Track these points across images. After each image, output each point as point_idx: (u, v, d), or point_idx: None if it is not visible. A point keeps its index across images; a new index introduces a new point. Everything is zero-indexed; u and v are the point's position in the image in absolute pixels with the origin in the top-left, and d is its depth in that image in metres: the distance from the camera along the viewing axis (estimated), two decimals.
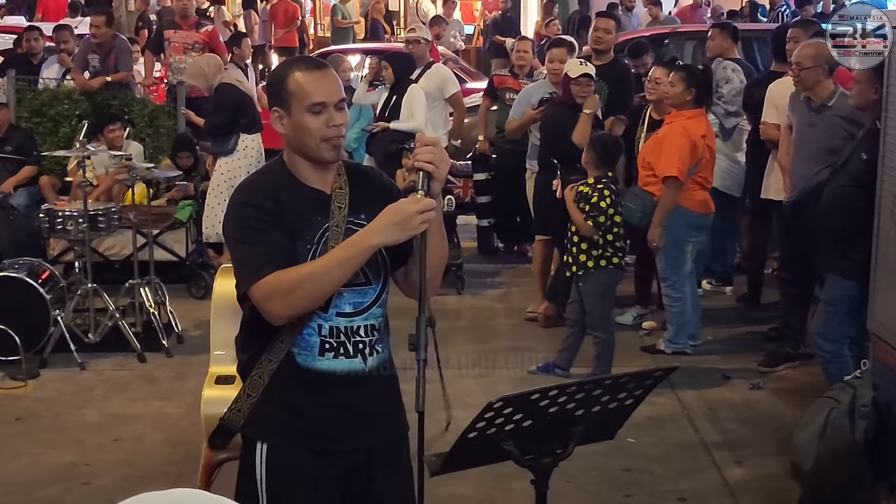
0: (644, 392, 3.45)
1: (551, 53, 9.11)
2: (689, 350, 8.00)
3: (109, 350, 7.96)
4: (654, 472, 6.21)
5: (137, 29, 21.72)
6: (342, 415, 3.45)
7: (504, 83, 10.58)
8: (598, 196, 7.36)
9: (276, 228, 3.33)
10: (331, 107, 3.36)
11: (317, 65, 3.48)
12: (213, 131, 9.87)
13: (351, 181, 3.48)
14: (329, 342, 3.44)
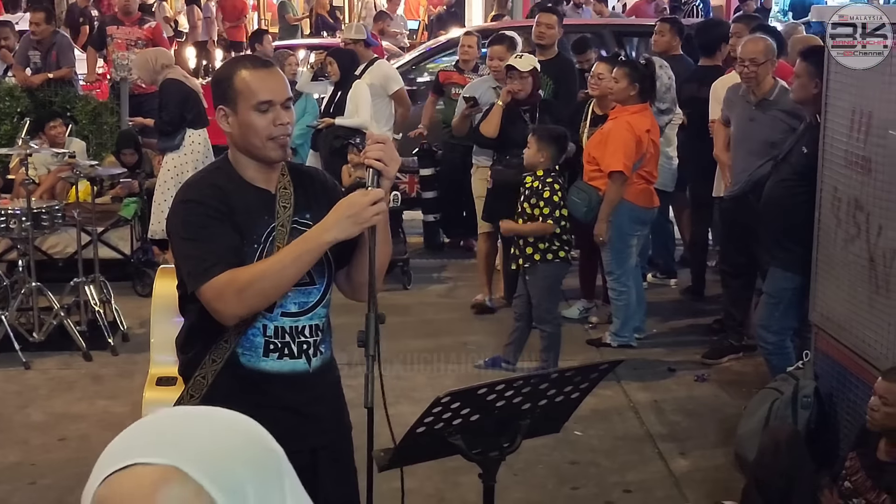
0: (590, 385, 3.48)
1: (491, 50, 9.13)
2: (634, 343, 8.06)
3: (54, 349, 7.89)
4: (601, 464, 6.26)
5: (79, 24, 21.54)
6: (286, 416, 3.39)
7: (449, 79, 10.60)
8: (549, 190, 7.39)
9: (226, 227, 3.33)
10: (277, 105, 3.36)
11: (263, 63, 3.49)
12: (163, 129, 9.82)
13: (295, 181, 3.49)
14: (274, 342, 3.44)
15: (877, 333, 5.42)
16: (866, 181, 5.55)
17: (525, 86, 8.32)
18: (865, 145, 5.55)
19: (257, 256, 3.35)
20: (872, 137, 5.47)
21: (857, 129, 5.64)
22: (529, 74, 8.31)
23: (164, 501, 1.33)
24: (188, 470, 1.34)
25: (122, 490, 1.35)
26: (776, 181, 6.61)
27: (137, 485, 1.34)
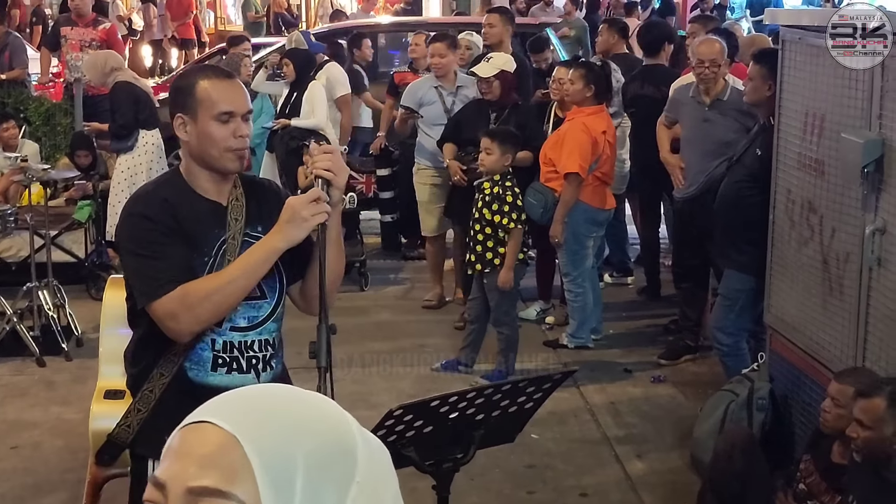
0: (544, 395, 3.48)
1: (432, 48, 9.08)
2: (591, 344, 8.07)
3: (7, 355, 7.80)
4: (557, 467, 6.26)
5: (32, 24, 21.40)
6: None
7: (404, 80, 10.53)
8: (511, 194, 7.37)
9: (175, 243, 3.31)
10: (238, 117, 3.36)
11: (225, 74, 3.51)
12: (118, 132, 9.77)
13: (247, 193, 3.47)
14: (222, 357, 3.43)
15: (830, 335, 5.45)
16: (819, 184, 5.58)
17: (492, 89, 8.27)
18: (818, 148, 5.58)
19: (207, 269, 3.33)
20: (825, 140, 5.50)
21: (810, 131, 5.67)
22: (495, 78, 8.25)
23: (211, 465, 1.36)
24: (245, 445, 1.36)
25: (185, 441, 1.39)
26: (730, 183, 6.64)
27: (199, 441, 1.38)
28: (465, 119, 8.45)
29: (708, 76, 7.36)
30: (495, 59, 8.43)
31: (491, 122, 8.17)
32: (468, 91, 8.71)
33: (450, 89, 8.87)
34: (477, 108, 8.44)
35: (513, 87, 8.46)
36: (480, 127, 8.09)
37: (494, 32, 9.40)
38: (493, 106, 8.29)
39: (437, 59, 8.89)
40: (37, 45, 19.41)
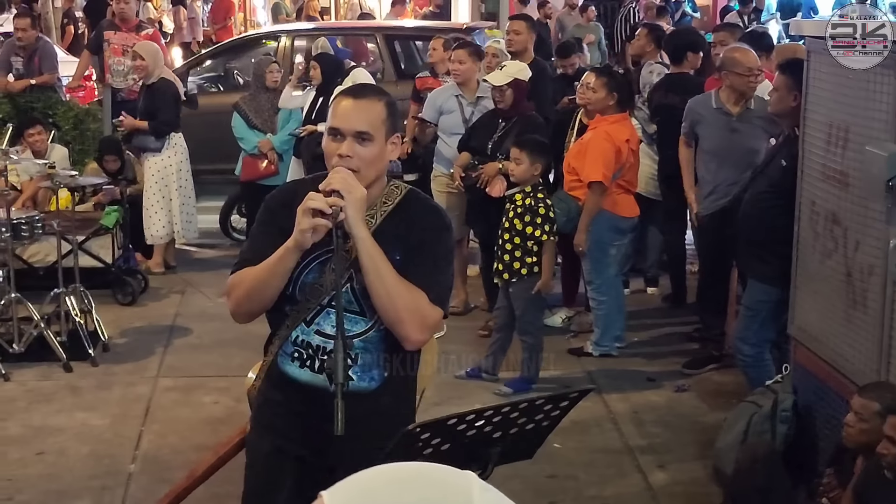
0: (561, 413, 3.48)
1: (453, 54, 9.06)
2: (615, 352, 8.06)
3: (34, 360, 7.84)
4: (579, 477, 6.26)
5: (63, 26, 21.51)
6: (299, 421, 3.61)
7: (425, 84, 10.53)
8: (543, 206, 7.37)
9: (273, 233, 3.48)
10: (347, 136, 3.41)
11: (355, 93, 3.56)
12: (160, 129, 9.94)
13: (394, 211, 3.53)
14: (299, 351, 3.57)
15: (854, 349, 5.43)
16: (843, 196, 5.56)
17: (504, 97, 8.23)
18: (843, 160, 5.55)
19: (299, 270, 3.48)
20: (849, 152, 5.47)
21: (835, 143, 5.65)
22: (508, 87, 8.23)
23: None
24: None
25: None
26: (754, 193, 6.62)
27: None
28: (476, 128, 8.45)
29: (753, 85, 7.37)
30: (509, 68, 8.37)
31: (498, 132, 8.15)
32: (488, 102, 8.67)
33: (470, 99, 8.82)
34: (489, 118, 8.44)
35: (525, 96, 8.43)
36: (488, 137, 8.11)
37: (520, 40, 9.40)
38: (503, 115, 8.27)
39: (458, 65, 8.84)
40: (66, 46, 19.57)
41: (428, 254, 3.52)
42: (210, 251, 11.10)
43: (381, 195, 3.55)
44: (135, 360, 8.04)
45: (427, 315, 3.46)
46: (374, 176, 3.47)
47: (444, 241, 3.63)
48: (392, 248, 3.42)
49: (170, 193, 10.15)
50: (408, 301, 3.41)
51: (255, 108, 10.54)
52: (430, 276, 3.49)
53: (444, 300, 3.57)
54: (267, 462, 3.71)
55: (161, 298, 9.60)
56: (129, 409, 7.16)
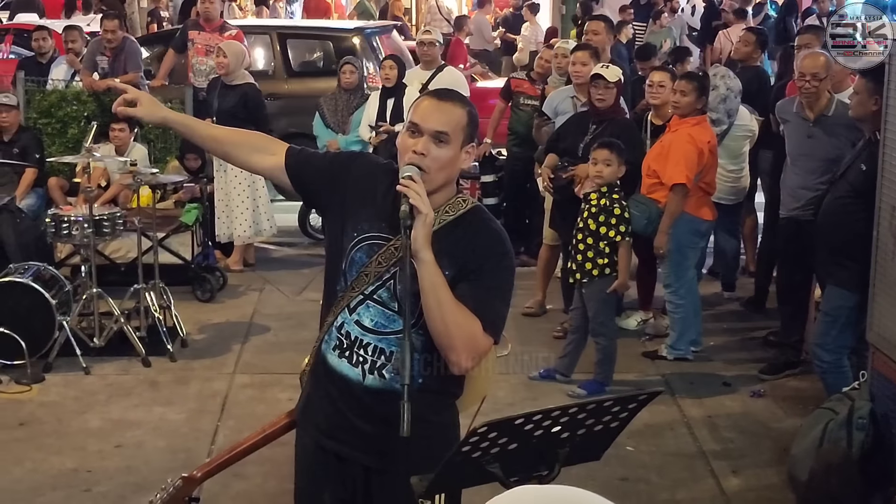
0: (629, 415, 3.46)
1: (574, 56, 9.04)
2: (690, 356, 8.01)
3: (114, 354, 7.97)
4: (651, 481, 6.24)
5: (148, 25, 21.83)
6: (333, 412, 3.60)
7: (520, 87, 10.53)
8: (618, 207, 7.35)
9: (329, 174, 3.60)
10: (425, 134, 3.41)
11: (439, 95, 3.56)
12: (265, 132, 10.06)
13: (451, 225, 3.50)
14: (341, 340, 3.55)
15: None
16: None
17: (608, 96, 8.20)
18: None
19: (351, 243, 3.51)
20: None
21: None
22: (614, 86, 8.19)
23: None
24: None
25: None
26: (833, 198, 6.55)
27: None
28: (566, 130, 8.44)
29: (809, 90, 7.25)
30: (615, 69, 8.35)
31: (589, 134, 8.12)
32: None
33: (584, 100, 8.82)
34: (578, 120, 8.42)
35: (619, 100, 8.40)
36: (577, 139, 8.09)
37: (598, 40, 9.38)
38: (594, 118, 8.23)
39: (580, 66, 8.82)
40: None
41: (487, 281, 3.46)
42: (288, 249, 11.21)
43: (444, 204, 3.50)
44: (212, 356, 8.15)
45: (479, 344, 3.44)
46: (442, 180, 3.46)
47: (504, 268, 3.54)
48: (444, 262, 3.38)
49: (255, 193, 10.26)
50: (463, 329, 3.39)
51: (332, 107, 10.63)
52: (487, 303, 3.44)
53: (497, 329, 3.50)
54: (310, 459, 3.72)
55: (239, 296, 9.71)
56: (206, 404, 7.26)
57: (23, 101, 11.32)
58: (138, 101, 3.68)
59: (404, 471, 3.38)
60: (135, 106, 3.67)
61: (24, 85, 11.66)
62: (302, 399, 3.83)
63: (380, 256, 3.47)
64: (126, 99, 3.68)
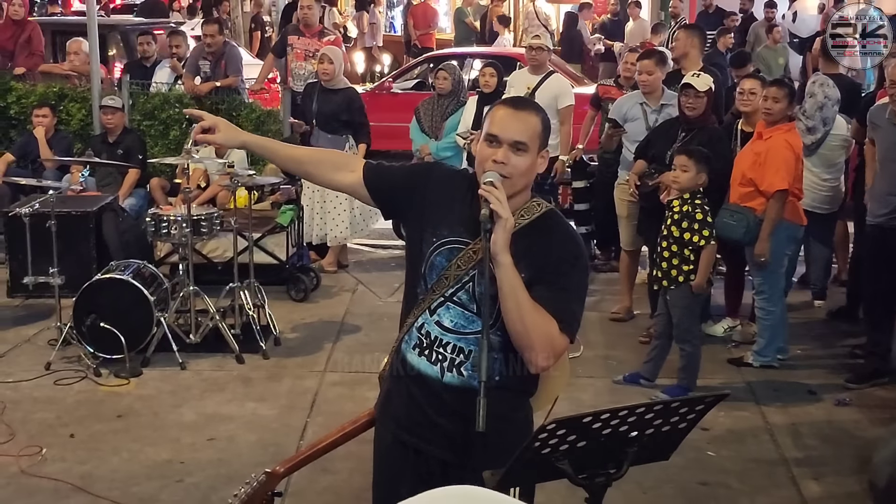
0: (697, 416, 3.53)
1: (640, 65, 9.13)
2: (776, 364, 8.01)
3: (209, 350, 8.19)
4: (731, 486, 6.27)
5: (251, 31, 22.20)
6: (411, 408, 3.74)
7: (608, 93, 10.58)
8: (701, 212, 7.39)
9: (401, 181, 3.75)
10: (504, 144, 3.53)
11: (515, 104, 3.68)
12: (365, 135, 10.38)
13: (529, 227, 3.62)
14: (421, 340, 3.69)
15: None
16: None
17: (698, 105, 8.21)
18: None
19: (431, 249, 3.64)
20: None
21: None
22: (705, 94, 8.21)
23: None
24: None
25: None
26: None
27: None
28: (656, 137, 8.50)
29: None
30: (705, 78, 8.38)
31: (678, 142, 8.15)
32: (672, 109, 8.67)
33: (654, 106, 8.90)
34: (668, 127, 8.47)
35: (710, 109, 8.43)
36: (667, 145, 8.13)
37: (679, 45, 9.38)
38: (683, 125, 8.28)
39: (645, 75, 8.91)
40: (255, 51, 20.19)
41: (562, 283, 3.58)
42: (382, 252, 11.38)
43: (520, 208, 3.63)
44: (304, 354, 8.33)
45: (556, 344, 3.57)
46: (521, 186, 3.59)
47: (578, 270, 3.68)
48: (520, 264, 3.50)
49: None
50: (540, 329, 3.51)
51: (428, 112, 10.77)
52: (562, 304, 3.57)
53: (573, 329, 3.62)
54: (389, 454, 3.85)
55: (332, 296, 9.90)
56: (297, 400, 7.44)
57: (127, 104, 11.66)
58: (216, 128, 3.78)
59: (481, 466, 3.50)
60: (213, 133, 3.79)
61: (128, 87, 12.01)
62: (381, 396, 3.97)
63: (459, 260, 3.60)
64: (203, 126, 3.79)
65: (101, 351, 7.90)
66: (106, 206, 9.53)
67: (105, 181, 10.73)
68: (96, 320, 7.85)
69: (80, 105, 12.19)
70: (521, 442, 3.43)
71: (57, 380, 7.71)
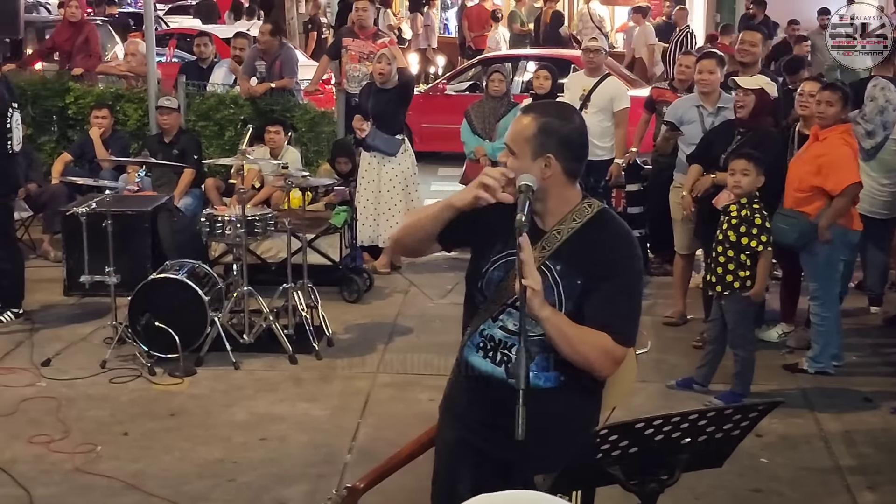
0: (751, 424, 3.51)
1: (700, 64, 9.09)
2: (831, 370, 7.93)
3: (262, 351, 8.22)
4: (784, 493, 6.21)
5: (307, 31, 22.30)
6: (475, 408, 3.81)
7: (662, 96, 10.53)
8: (759, 217, 7.35)
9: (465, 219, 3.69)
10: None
11: (525, 108, 3.83)
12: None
13: (580, 230, 3.65)
14: (484, 343, 3.75)
15: None
16: None
17: (746, 103, 8.18)
18: None
19: (486, 270, 3.71)
20: None
21: None
22: (752, 93, 8.16)
23: None
24: None
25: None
26: None
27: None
28: (712, 139, 8.44)
29: None
30: (758, 78, 8.37)
31: (733, 144, 8.09)
32: (728, 113, 8.61)
33: (710, 109, 8.85)
34: (725, 129, 8.41)
35: (768, 111, 8.37)
36: (723, 148, 8.07)
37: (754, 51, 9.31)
38: (740, 128, 8.22)
39: (706, 74, 8.87)
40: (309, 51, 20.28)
41: (614, 286, 3.60)
42: (434, 254, 11.35)
43: (570, 212, 3.65)
44: (356, 355, 8.36)
45: (615, 355, 3.61)
46: (542, 192, 3.61)
47: (631, 270, 3.70)
48: (576, 270, 3.56)
49: (408, 196, 10.46)
50: (596, 350, 3.57)
51: (480, 114, 10.78)
52: (617, 311, 3.60)
53: (629, 336, 3.66)
54: (451, 451, 3.91)
55: (385, 297, 9.92)
56: (349, 401, 7.46)
57: (183, 104, 11.75)
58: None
59: (541, 466, 3.54)
60: None
61: (184, 88, 12.11)
62: (444, 398, 4.03)
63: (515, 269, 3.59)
64: None
65: (156, 350, 7.96)
66: (161, 206, 9.60)
67: (161, 181, 10.82)
68: (151, 319, 7.92)
69: (137, 105, 12.30)
70: None
71: (112, 378, 7.78)
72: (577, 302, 3.61)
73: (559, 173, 3.63)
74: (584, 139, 3.74)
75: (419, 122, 15.17)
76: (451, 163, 14.59)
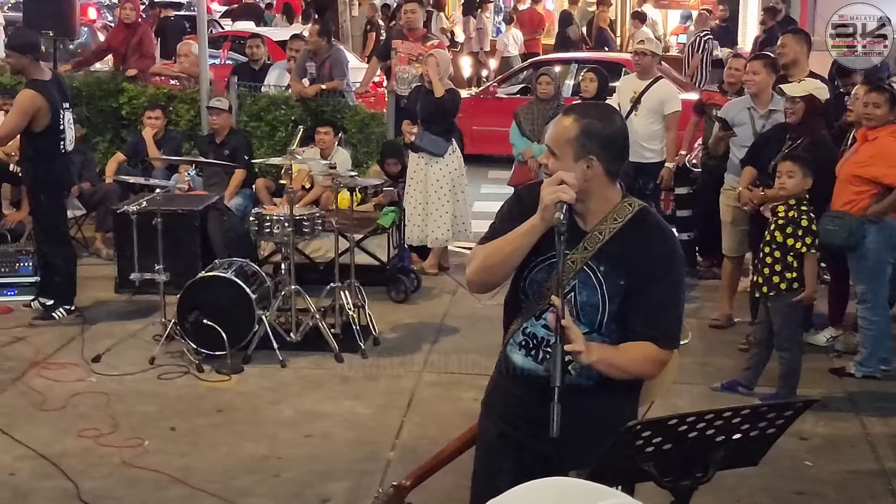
0: (785, 422, 3.50)
1: (749, 65, 9.08)
2: (879, 375, 7.87)
3: (309, 349, 8.28)
4: (827, 496, 6.18)
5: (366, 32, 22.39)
6: (515, 403, 3.88)
7: (711, 99, 10.50)
8: (806, 218, 7.32)
9: (518, 221, 3.69)
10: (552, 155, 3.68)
11: (566, 109, 3.82)
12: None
13: (623, 230, 3.69)
14: (526, 341, 3.80)
15: None
16: None
17: (795, 110, 8.17)
18: None
19: (529, 271, 3.75)
20: None
21: None
22: (801, 100, 8.15)
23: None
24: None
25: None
26: None
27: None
28: (765, 142, 8.41)
29: None
30: (807, 84, 8.34)
31: (784, 149, 8.05)
32: (780, 115, 8.58)
33: (762, 111, 8.82)
34: (776, 133, 8.39)
35: (818, 115, 8.32)
36: (773, 153, 8.05)
37: (786, 52, 9.26)
38: (791, 132, 8.19)
39: (752, 76, 8.86)
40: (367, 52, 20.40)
41: (657, 287, 3.65)
42: None
43: (612, 211, 3.69)
44: (402, 354, 8.40)
45: (660, 360, 3.72)
46: (583, 194, 3.63)
47: (673, 269, 3.73)
48: (618, 269, 3.62)
49: (455, 197, 10.49)
50: (645, 364, 3.70)
51: (529, 117, 10.80)
52: (659, 314, 3.68)
53: (674, 338, 3.76)
54: (491, 446, 3.96)
55: (432, 298, 9.97)
56: (393, 400, 7.50)
57: (235, 105, 11.86)
58: None
59: (581, 461, 3.53)
60: None
61: (236, 90, 12.22)
62: (486, 394, 4.09)
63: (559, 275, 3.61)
64: None
65: (204, 347, 8.04)
66: (211, 206, 9.70)
67: (212, 181, 10.93)
68: (199, 317, 8.00)
69: (189, 106, 12.44)
70: None
71: (160, 374, 7.88)
72: (620, 302, 3.67)
73: (601, 174, 3.66)
74: (626, 140, 3.77)
75: (470, 125, 15.20)
76: (501, 166, 14.59)
